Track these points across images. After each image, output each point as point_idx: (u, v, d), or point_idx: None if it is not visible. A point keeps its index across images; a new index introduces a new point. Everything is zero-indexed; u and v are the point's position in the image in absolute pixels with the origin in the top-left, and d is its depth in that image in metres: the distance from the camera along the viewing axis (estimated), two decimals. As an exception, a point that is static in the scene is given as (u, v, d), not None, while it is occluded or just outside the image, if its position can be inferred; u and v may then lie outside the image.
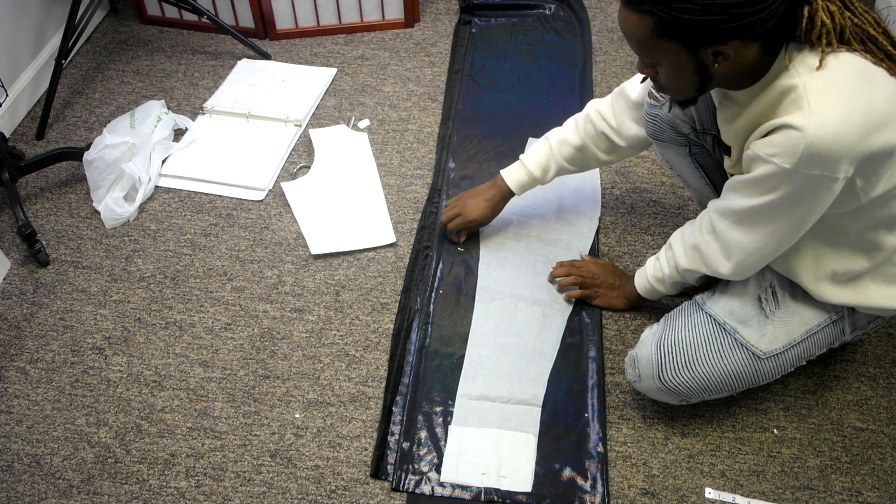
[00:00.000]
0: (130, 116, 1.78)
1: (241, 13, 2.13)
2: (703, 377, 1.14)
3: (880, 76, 0.93)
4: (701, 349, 1.14)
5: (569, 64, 2.02)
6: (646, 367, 1.19)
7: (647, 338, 1.21)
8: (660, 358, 1.16)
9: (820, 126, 0.89)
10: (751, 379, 1.15)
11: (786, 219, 1.01)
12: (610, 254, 1.56)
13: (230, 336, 1.45)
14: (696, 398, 1.19)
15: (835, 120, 0.89)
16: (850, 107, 0.90)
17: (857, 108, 0.90)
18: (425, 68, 2.04)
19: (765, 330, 1.12)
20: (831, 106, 0.90)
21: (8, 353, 1.44)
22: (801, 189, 0.95)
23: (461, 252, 1.56)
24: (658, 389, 1.19)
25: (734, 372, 1.13)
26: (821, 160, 0.90)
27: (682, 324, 1.17)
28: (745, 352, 1.12)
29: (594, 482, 1.22)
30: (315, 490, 1.23)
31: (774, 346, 1.12)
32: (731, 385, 1.15)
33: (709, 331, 1.15)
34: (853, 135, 0.89)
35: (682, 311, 1.21)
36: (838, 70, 0.92)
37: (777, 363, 1.14)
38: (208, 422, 1.32)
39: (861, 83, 0.91)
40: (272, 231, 1.64)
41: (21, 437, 1.31)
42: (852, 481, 1.22)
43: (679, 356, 1.15)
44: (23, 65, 1.95)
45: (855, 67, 0.92)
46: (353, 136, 1.83)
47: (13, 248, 1.62)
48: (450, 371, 1.37)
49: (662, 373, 1.16)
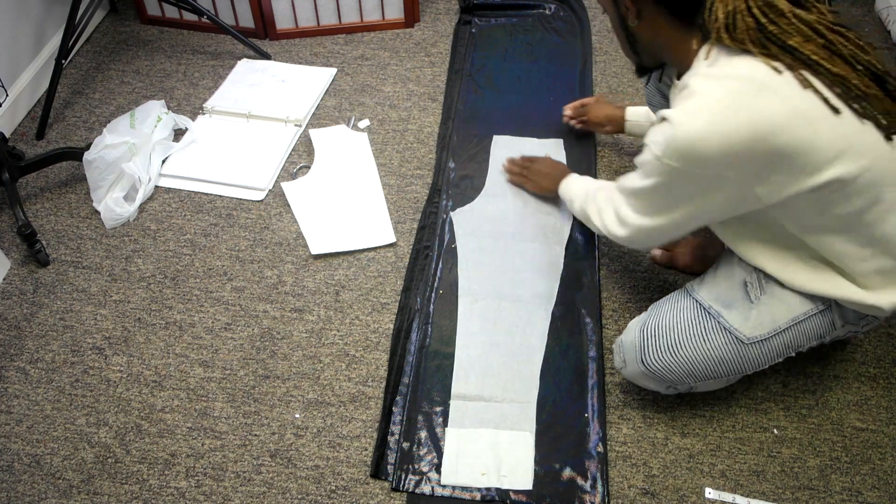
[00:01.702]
0: (130, 116, 1.78)
1: (241, 13, 2.13)
2: (687, 360, 1.14)
3: (780, 85, 0.93)
4: (684, 332, 1.14)
5: (569, 64, 2.02)
6: (630, 351, 1.20)
7: (633, 324, 1.22)
8: (643, 340, 1.17)
9: (688, 124, 0.93)
10: (735, 365, 1.15)
11: (668, 206, 1.05)
12: (610, 253, 1.56)
13: (230, 336, 1.45)
14: (683, 384, 1.19)
15: (703, 122, 0.93)
16: (724, 113, 0.92)
17: (732, 114, 0.92)
18: (425, 68, 2.04)
19: (749, 314, 1.12)
20: (706, 108, 0.93)
21: (8, 353, 1.44)
22: (672, 179, 0.99)
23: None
24: (642, 374, 1.19)
25: (718, 356, 1.13)
26: (684, 156, 0.95)
27: (668, 308, 1.18)
28: (728, 336, 1.12)
29: (594, 482, 1.22)
30: (315, 490, 1.23)
31: (758, 331, 1.12)
32: (715, 370, 1.15)
33: (693, 314, 1.15)
34: (719, 139, 0.92)
35: (669, 298, 1.22)
36: (729, 76, 0.94)
37: (762, 350, 1.13)
38: (208, 422, 1.32)
39: (748, 92, 0.93)
40: (272, 231, 1.64)
41: (21, 437, 1.31)
42: (852, 481, 1.22)
43: (662, 339, 1.15)
44: (23, 65, 1.95)
45: (747, 75, 0.93)
46: (353, 136, 1.83)
47: (13, 248, 1.62)
48: (450, 371, 1.37)
49: (645, 356, 1.16)
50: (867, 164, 0.95)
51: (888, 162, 0.96)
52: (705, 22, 0.97)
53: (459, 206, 1.65)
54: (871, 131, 0.95)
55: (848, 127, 0.94)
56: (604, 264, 1.54)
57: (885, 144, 0.96)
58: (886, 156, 0.96)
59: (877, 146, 0.95)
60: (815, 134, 0.93)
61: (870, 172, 0.95)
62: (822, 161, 0.94)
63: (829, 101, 0.93)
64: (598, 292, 1.48)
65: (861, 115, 0.95)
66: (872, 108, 0.95)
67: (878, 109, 0.96)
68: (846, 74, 0.94)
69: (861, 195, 0.97)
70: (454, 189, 1.69)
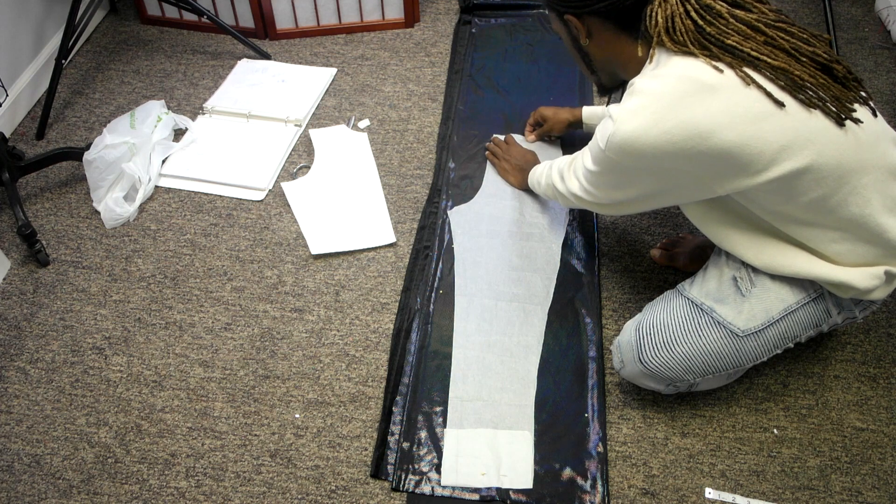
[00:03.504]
0: (130, 116, 1.78)
1: (241, 13, 2.13)
2: (683, 357, 1.14)
3: (721, 84, 0.95)
4: (679, 329, 1.15)
5: (569, 64, 2.02)
6: (627, 351, 1.20)
7: (629, 325, 1.23)
8: (639, 340, 1.18)
9: (627, 122, 0.97)
10: (732, 358, 1.15)
11: (616, 186, 1.11)
12: (610, 253, 1.56)
13: (230, 336, 1.45)
14: (682, 382, 1.20)
15: (642, 119, 0.96)
16: (662, 112, 0.95)
17: (671, 113, 0.95)
18: (425, 68, 2.04)
19: (742, 307, 1.12)
20: (645, 104, 0.96)
21: (8, 353, 1.44)
22: (615, 168, 1.05)
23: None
24: (641, 373, 1.19)
25: (714, 351, 1.13)
26: (623, 151, 1.00)
27: (661, 307, 1.19)
28: (723, 330, 1.12)
29: (594, 482, 1.22)
30: (315, 490, 1.23)
31: (752, 323, 1.12)
32: (713, 365, 1.15)
33: (687, 312, 1.16)
34: (655, 136, 0.96)
35: (662, 298, 1.23)
36: (671, 76, 0.96)
37: (758, 342, 1.13)
38: (208, 422, 1.32)
39: (689, 91, 0.95)
40: (272, 231, 1.64)
41: (21, 437, 1.31)
42: (852, 481, 1.22)
43: (658, 337, 1.16)
44: (23, 65, 1.95)
45: (688, 75, 0.95)
46: (353, 136, 1.83)
47: (13, 248, 1.62)
48: (450, 371, 1.37)
49: (642, 354, 1.17)
50: (819, 151, 0.96)
51: (842, 147, 0.97)
52: (647, 28, 1.00)
53: (458, 206, 1.65)
54: (820, 118, 0.96)
55: (794, 118, 0.95)
56: (604, 264, 1.54)
57: (837, 130, 0.97)
58: (838, 141, 0.97)
59: (827, 133, 0.96)
60: (759, 131, 0.94)
61: (823, 159, 0.96)
62: (770, 156, 0.95)
63: (773, 95, 0.95)
64: (598, 292, 1.48)
65: (807, 105, 0.96)
66: (822, 97, 0.96)
67: (827, 96, 0.97)
68: (788, 66, 0.96)
69: (821, 182, 0.98)
70: (454, 189, 1.69)
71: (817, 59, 0.98)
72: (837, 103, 0.97)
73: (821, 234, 1.04)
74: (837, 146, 0.97)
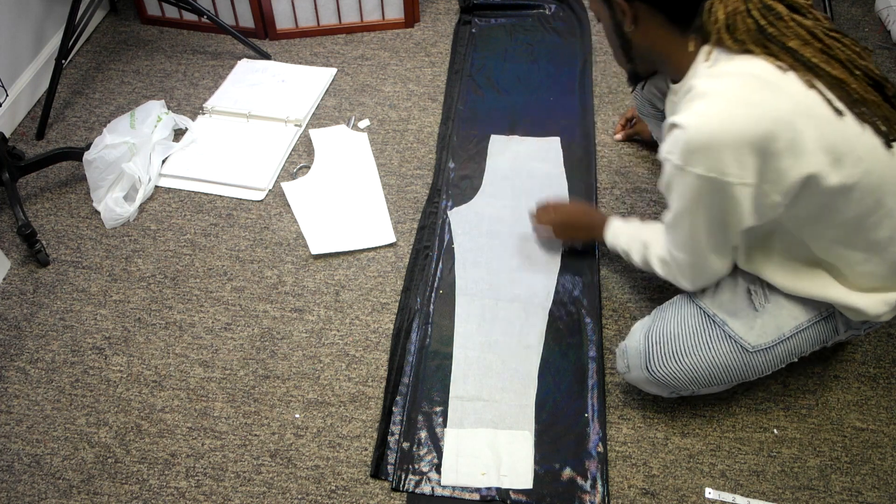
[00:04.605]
0: (130, 116, 1.78)
1: (241, 13, 2.13)
2: (691, 368, 1.14)
3: (786, 82, 0.92)
4: (689, 340, 1.14)
5: (569, 64, 2.02)
6: (634, 357, 1.19)
7: (637, 329, 1.22)
8: (648, 348, 1.17)
9: (699, 123, 0.91)
10: (740, 372, 1.15)
11: (697, 226, 1.02)
12: (609, 253, 1.56)
13: (230, 336, 1.45)
14: (686, 390, 1.19)
15: (713, 117, 0.91)
16: (732, 107, 0.91)
17: (741, 109, 0.91)
18: (425, 68, 2.04)
19: (754, 323, 1.12)
20: (714, 105, 0.92)
21: (8, 353, 1.44)
22: (697, 190, 0.96)
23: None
24: (646, 380, 1.19)
25: (722, 364, 1.13)
26: (702, 155, 0.92)
27: (671, 315, 1.18)
28: (733, 344, 1.12)
29: (594, 482, 1.22)
30: (315, 490, 1.23)
31: (763, 339, 1.12)
32: (720, 378, 1.15)
33: (698, 322, 1.15)
34: (733, 135, 0.90)
35: (672, 304, 1.21)
36: (734, 74, 0.93)
37: (766, 357, 1.13)
38: (208, 422, 1.32)
39: (755, 87, 0.92)
40: (272, 231, 1.64)
41: (21, 437, 1.31)
42: (852, 481, 1.22)
43: (667, 346, 1.15)
44: (23, 65, 1.95)
45: (751, 72, 0.93)
46: (353, 136, 1.83)
47: (13, 248, 1.62)
48: (449, 371, 1.37)
49: (650, 363, 1.16)
50: (867, 170, 0.94)
51: (887, 168, 0.96)
52: (704, 24, 0.96)
53: (458, 207, 1.65)
54: (871, 136, 0.95)
55: (849, 130, 0.93)
56: (604, 264, 1.54)
57: (883, 150, 0.96)
58: (885, 161, 0.96)
59: (876, 152, 0.95)
60: (821, 133, 0.92)
61: (869, 177, 0.95)
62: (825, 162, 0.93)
63: (833, 103, 0.93)
64: (598, 292, 1.48)
65: (861, 120, 0.94)
66: (871, 114, 0.95)
67: (877, 115, 0.95)
68: (845, 78, 0.94)
69: (861, 202, 0.96)
70: (454, 189, 1.69)
71: (869, 74, 0.96)
72: (888, 123, 0.95)
73: (849, 255, 1.03)
74: (883, 167, 0.95)
